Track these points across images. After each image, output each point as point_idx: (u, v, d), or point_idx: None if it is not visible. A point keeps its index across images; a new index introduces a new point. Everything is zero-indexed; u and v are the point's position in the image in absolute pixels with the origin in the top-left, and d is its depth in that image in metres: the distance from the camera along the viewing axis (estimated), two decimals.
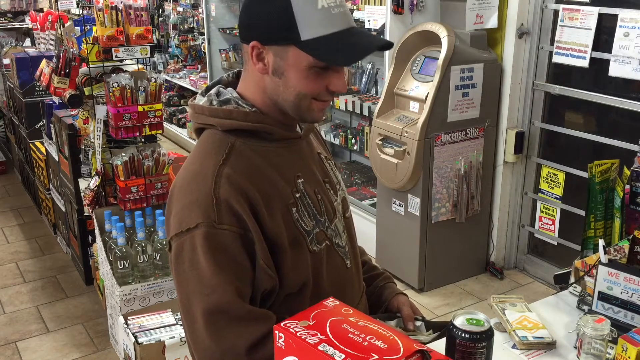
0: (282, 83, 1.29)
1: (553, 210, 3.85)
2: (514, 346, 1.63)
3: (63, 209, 4.38)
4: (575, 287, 1.88)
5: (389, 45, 1.36)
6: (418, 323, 1.64)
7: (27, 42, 7.17)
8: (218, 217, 1.23)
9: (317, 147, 1.51)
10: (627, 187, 1.89)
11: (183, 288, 1.28)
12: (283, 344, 1.10)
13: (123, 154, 3.27)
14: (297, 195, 1.34)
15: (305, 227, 1.35)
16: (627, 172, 1.91)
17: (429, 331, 1.65)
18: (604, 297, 1.65)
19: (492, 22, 3.79)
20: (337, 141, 4.97)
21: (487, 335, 1.36)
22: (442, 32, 3.63)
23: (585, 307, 1.77)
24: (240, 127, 1.33)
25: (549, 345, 1.63)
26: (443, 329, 1.55)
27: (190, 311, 1.28)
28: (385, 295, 1.66)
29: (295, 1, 1.22)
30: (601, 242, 1.69)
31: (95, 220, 3.33)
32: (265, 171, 1.32)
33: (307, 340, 1.07)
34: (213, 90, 1.38)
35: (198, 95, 1.40)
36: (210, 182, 1.26)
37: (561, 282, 1.97)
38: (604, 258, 1.66)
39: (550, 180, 3.82)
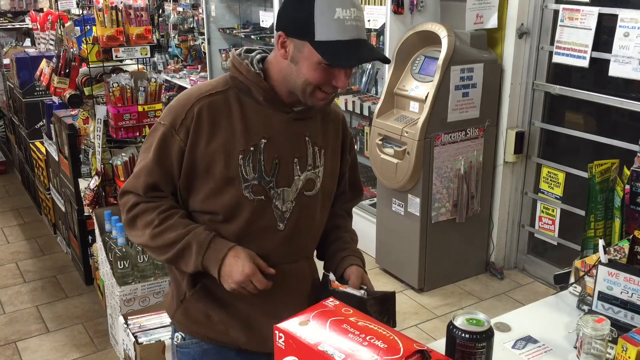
0: (295, 69, 1.58)
1: (553, 210, 3.85)
2: (514, 346, 1.63)
3: (63, 209, 4.38)
4: (575, 287, 1.88)
5: (386, 60, 1.64)
6: (361, 292, 1.67)
7: (27, 42, 7.18)
8: (178, 128, 1.62)
9: (315, 133, 1.73)
10: (627, 187, 1.89)
11: (140, 153, 1.74)
12: (283, 344, 1.10)
13: (123, 154, 3.27)
14: (251, 148, 1.62)
15: (245, 174, 1.62)
16: (627, 172, 1.91)
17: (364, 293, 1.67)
18: (604, 297, 1.65)
19: (492, 22, 3.79)
20: None
21: (487, 335, 1.36)
22: (442, 32, 3.63)
23: (585, 307, 1.77)
24: (240, 78, 1.64)
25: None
26: (382, 298, 1.70)
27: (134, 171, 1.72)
28: (343, 265, 1.80)
29: (318, 9, 1.50)
30: (601, 242, 1.69)
31: (95, 220, 3.33)
32: (233, 119, 1.63)
33: (307, 340, 1.08)
34: (256, 52, 1.70)
35: (243, 51, 1.71)
36: (190, 102, 1.63)
37: (561, 282, 1.97)
38: (603, 258, 1.66)
39: (550, 180, 3.82)
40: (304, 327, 1.11)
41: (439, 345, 1.67)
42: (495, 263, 4.20)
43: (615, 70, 3.31)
